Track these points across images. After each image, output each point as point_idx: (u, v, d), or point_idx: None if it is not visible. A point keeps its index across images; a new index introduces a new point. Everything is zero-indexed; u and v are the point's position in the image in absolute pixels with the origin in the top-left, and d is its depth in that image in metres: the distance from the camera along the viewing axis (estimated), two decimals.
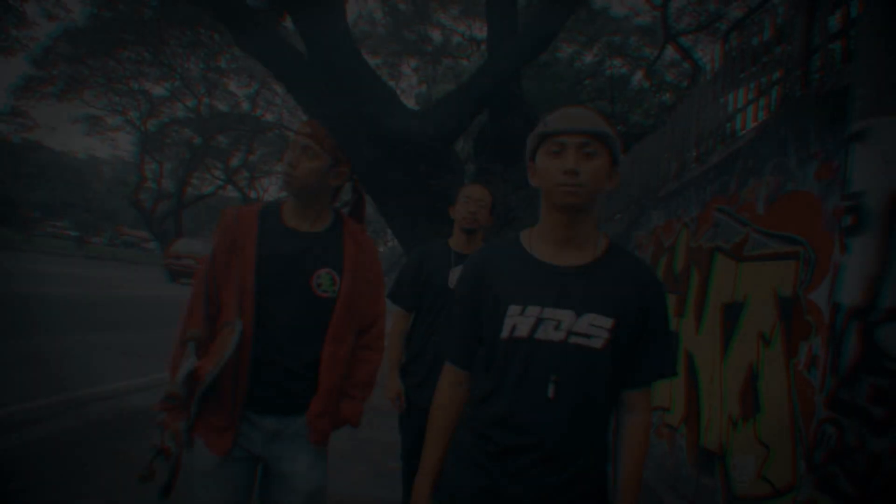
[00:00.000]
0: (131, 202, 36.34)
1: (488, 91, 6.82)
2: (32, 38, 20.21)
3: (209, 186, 41.13)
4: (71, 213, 41.19)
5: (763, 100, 3.77)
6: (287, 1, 6.42)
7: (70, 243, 34.37)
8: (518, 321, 1.36)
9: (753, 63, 3.89)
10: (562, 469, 1.35)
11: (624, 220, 7.06)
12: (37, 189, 34.72)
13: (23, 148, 31.74)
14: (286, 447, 1.76)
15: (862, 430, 1.77)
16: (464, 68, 16.89)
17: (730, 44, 4.44)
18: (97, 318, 9.22)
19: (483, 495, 1.39)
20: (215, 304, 1.77)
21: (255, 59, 7.57)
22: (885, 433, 1.73)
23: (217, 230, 1.82)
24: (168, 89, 27.92)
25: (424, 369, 2.74)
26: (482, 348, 1.46)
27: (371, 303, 1.92)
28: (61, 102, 25.56)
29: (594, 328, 1.34)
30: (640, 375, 1.41)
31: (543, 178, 1.38)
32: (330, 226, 1.87)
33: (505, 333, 1.37)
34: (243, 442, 1.74)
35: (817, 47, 3.13)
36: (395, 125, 6.11)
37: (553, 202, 1.37)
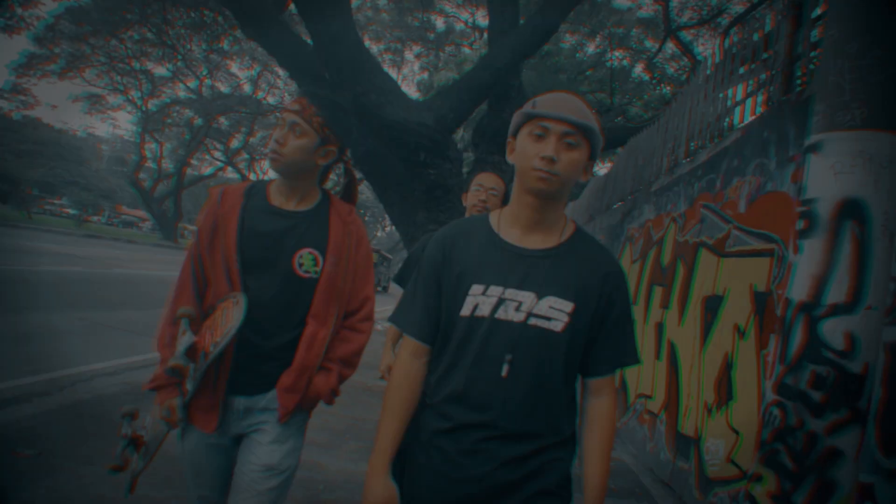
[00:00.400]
0: (130, 182, 36.38)
1: (488, 84, 6.93)
2: (37, 17, 20.13)
3: (209, 168, 41.30)
4: (70, 191, 41.11)
5: (750, 101, 3.91)
6: None
7: (70, 221, 34.43)
8: (480, 300, 1.37)
9: (743, 65, 4.02)
10: (516, 447, 1.36)
11: (618, 213, 7.20)
12: (36, 166, 34.66)
13: (23, 125, 31.76)
14: (256, 418, 1.73)
15: (802, 411, 1.97)
16: (466, 56, 16.90)
17: (721, 45, 4.56)
18: (98, 295, 9.34)
19: (441, 475, 1.39)
20: (202, 283, 1.75)
21: (257, 44, 7.66)
22: (821, 415, 1.95)
23: (203, 209, 1.79)
24: (170, 70, 27.80)
25: None
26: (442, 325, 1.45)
27: (358, 286, 1.84)
28: (62, 80, 25.54)
29: (554, 311, 1.35)
30: (603, 365, 1.43)
31: (520, 158, 1.37)
32: (316, 205, 1.81)
33: (465, 311, 1.38)
34: (221, 424, 1.71)
35: (800, 55, 3.27)
36: (396, 115, 6.23)
37: (525, 185, 1.38)
